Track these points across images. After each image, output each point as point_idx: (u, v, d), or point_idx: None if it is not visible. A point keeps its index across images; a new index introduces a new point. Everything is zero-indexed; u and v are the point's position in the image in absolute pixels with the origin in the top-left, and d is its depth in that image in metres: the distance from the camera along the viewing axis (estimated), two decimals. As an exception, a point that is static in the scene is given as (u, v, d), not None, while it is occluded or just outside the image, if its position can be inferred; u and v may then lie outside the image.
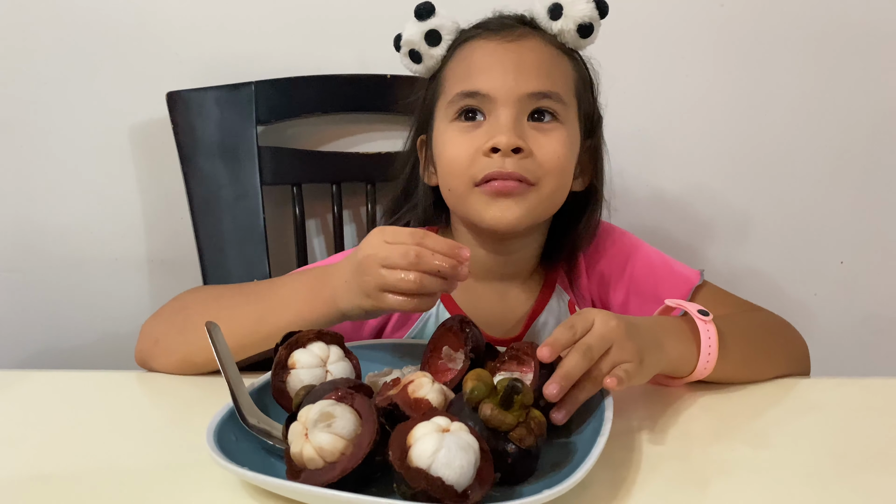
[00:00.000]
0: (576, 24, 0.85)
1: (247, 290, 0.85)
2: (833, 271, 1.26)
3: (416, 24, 0.87)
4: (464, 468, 0.53)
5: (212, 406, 0.65)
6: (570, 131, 0.85)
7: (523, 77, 0.83)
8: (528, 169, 0.81)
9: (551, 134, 0.83)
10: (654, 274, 0.92)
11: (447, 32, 0.87)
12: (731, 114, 1.21)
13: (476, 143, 0.82)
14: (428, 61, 0.89)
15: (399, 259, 0.69)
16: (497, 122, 0.82)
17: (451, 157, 0.84)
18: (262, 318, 0.79)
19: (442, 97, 0.88)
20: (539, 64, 0.84)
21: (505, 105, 0.82)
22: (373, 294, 0.71)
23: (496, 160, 0.81)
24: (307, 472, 0.56)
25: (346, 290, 0.74)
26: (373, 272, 0.71)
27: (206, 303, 0.85)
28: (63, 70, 1.17)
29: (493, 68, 0.84)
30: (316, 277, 0.79)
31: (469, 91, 0.84)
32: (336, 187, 1.17)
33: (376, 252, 0.71)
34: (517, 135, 0.81)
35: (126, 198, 1.21)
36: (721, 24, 1.18)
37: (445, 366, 0.71)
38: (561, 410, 0.63)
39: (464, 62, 0.86)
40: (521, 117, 0.83)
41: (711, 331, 0.74)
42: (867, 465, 0.65)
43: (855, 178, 1.24)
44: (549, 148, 0.82)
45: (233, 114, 1.13)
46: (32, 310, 1.25)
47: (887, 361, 1.28)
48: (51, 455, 0.66)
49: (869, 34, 1.19)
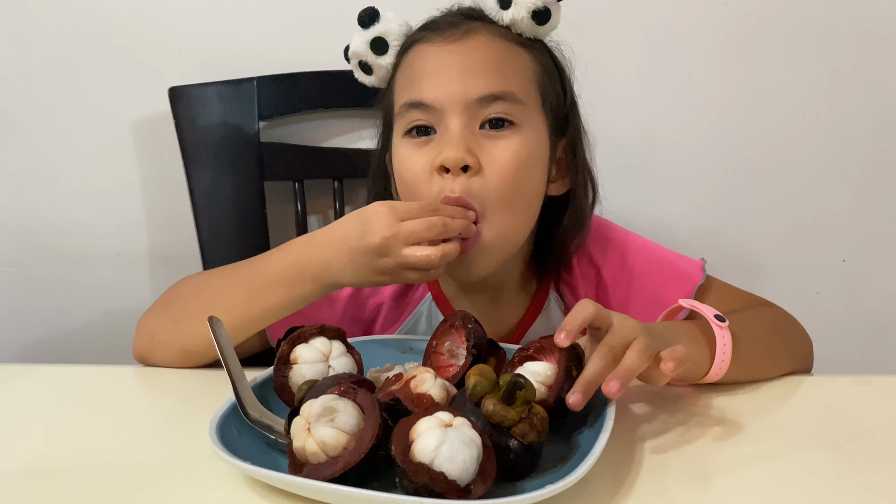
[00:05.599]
0: (528, 11, 0.77)
1: (233, 272, 0.83)
2: (835, 269, 1.26)
3: (360, 32, 0.82)
4: (466, 463, 0.53)
5: (214, 400, 0.65)
6: (530, 134, 0.78)
7: (470, 80, 0.76)
8: (475, 191, 0.75)
9: (503, 143, 0.76)
10: (654, 272, 0.89)
11: (394, 38, 0.81)
12: (733, 112, 1.21)
13: (427, 159, 0.77)
14: (378, 71, 0.83)
15: (426, 232, 0.69)
16: (446, 134, 0.76)
17: (408, 177, 0.79)
18: (247, 300, 0.78)
19: (396, 111, 0.82)
20: (487, 63, 0.77)
21: (452, 114, 0.76)
22: (389, 272, 0.71)
23: (447, 181, 0.75)
24: (309, 467, 0.56)
25: (351, 268, 0.73)
26: (395, 253, 0.70)
27: (195, 290, 0.84)
28: (65, 65, 1.17)
29: (436, 74, 0.77)
30: (300, 252, 0.77)
31: (413, 101, 0.78)
32: (338, 183, 1.17)
33: (397, 231, 0.70)
34: (465, 148, 0.75)
35: (128, 193, 1.21)
36: (723, 21, 1.18)
37: (448, 361, 0.71)
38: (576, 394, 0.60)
39: (408, 69, 0.80)
40: (473, 125, 0.76)
41: (727, 338, 0.72)
42: (869, 463, 0.64)
43: (857, 176, 1.23)
44: (500, 161, 0.76)
45: (235, 109, 1.13)
46: (34, 305, 1.25)
47: (889, 359, 1.28)
48: (51, 449, 0.66)
49: (871, 32, 1.19)
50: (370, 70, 0.83)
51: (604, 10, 1.13)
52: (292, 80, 1.14)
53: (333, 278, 0.75)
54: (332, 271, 0.74)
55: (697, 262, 0.90)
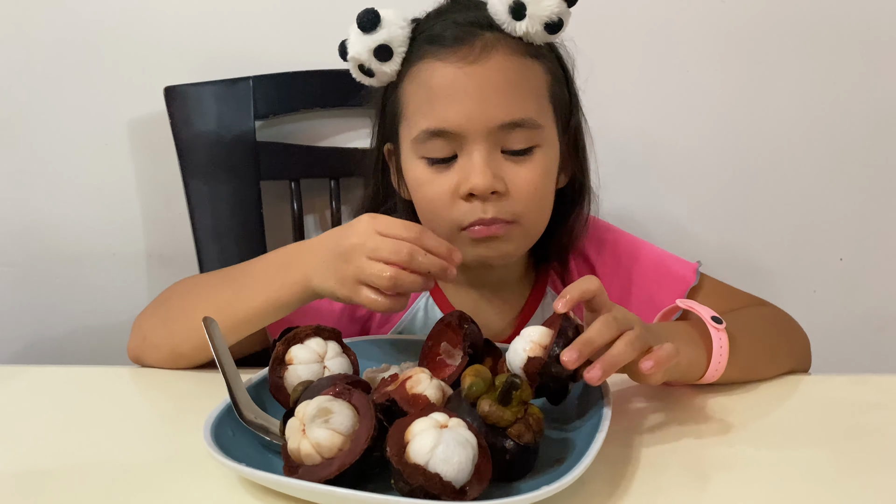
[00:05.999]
0: (542, 23, 0.77)
1: (222, 275, 0.83)
2: (833, 268, 1.26)
3: (361, 37, 0.79)
4: (462, 464, 0.53)
5: (209, 401, 0.65)
6: (548, 150, 0.80)
7: (491, 106, 0.76)
8: (507, 210, 0.78)
9: (528, 166, 0.78)
10: (648, 273, 0.90)
11: (398, 44, 0.79)
12: (730, 111, 1.21)
13: (450, 183, 0.78)
14: (381, 77, 0.81)
15: (389, 254, 0.67)
16: (469, 161, 0.77)
17: (428, 200, 0.80)
18: (233, 302, 0.77)
19: (404, 123, 0.81)
20: (507, 86, 0.77)
21: (475, 140, 0.76)
22: (348, 284, 0.69)
23: (476, 206, 0.77)
24: (304, 468, 0.56)
25: (322, 271, 0.72)
26: (355, 261, 0.68)
27: (185, 293, 0.84)
28: (61, 65, 1.16)
29: (456, 99, 0.76)
30: (288, 254, 0.77)
31: (435, 129, 0.77)
32: (334, 182, 1.17)
33: (365, 241, 0.68)
34: (492, 174, 0.76)
35: (124, 193, 1.21)
36: (721, 20, 1.18)
37: (444, 362, 0.71)
38: (596, 368, 0.60)
39: (423, 88, 0.79)
40: (495, 151, 0.77)
41: (724, 339, 0.72)
42: (867, 462, 0.64)
43: (855, 175, 1.23)
44: (526, 183, 0.78)
45: (231, 108, 1.12)
46: (29, 304, 1.24)
47: (887, 358, 1.28)
48: (46, 450, 0.66)
49: (869, 31, 1.18)
50: (372, 74, 0.81)
51: (603, 10, 1.13)
52: (288, 80, 1.14)
53: (311, 281, 0.73)
54: (311, 273, 0.73)
55: (692, 265, 0.90)
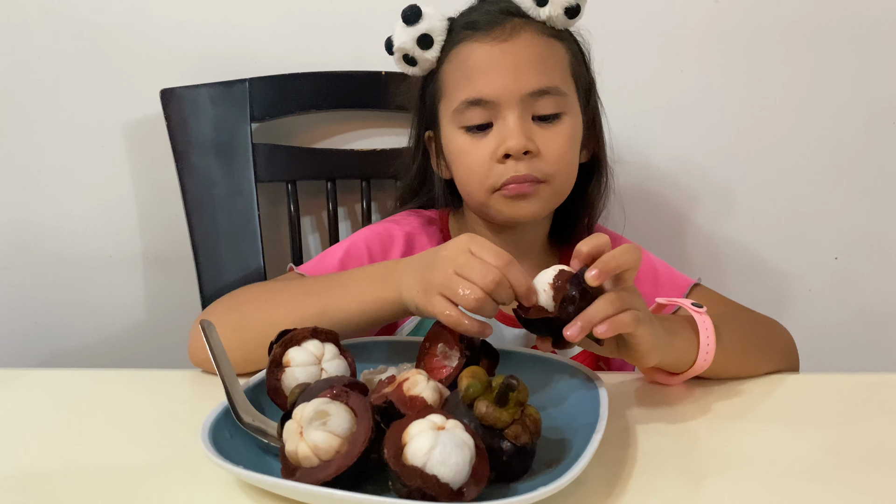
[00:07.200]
0: (562, 7, 0.87)
1: (305, 285, 0.83)
2: (827, 267, 1.26)
3: (405, 29, 0.88)
4: (459, 466, 0.53)
5: (206, 404, 0.65)
6: (573, 118, 0.89)
7: (522, 76, 0.85)
8: (539, 168, 0.86)
9: (556, 130, 0.87)
10: (653, 283, 0.93)
11: (438, 34, 0.89)
12: (725, 110, 1.21)
13: (488, 149, 0.86)
14: (423, 64, 0.91)
15: (476, 276, 0.67)
16: (505, 125, 0.86)
17: (466, 166, 0.88)
18: (321, 314, 0.77)
19: (444, 100, 0.90)
20: (535, 59, 0.87)
21: (509, 107, 0.85)
22: (430, 292, 0.69)
23: (510, 165, 0.85)
24: (302, 471, 0.56)
25: (411, 281, 0.72)
26: (442, 271, 0.69)
27: (260, 301, 0.84)
28: (56, 67, 1.16)
29: (492, 72, 0.86)
30: (386, 267, 0.78)
31: (474, 98, 0.86)
32: (331, 184, 1.17)
33: (456, 257, 0.69)
34: (526, 136, 0.85)
35: (120, 195, 1.21)
36: (716, 18, 1.18)
37: (441, 363, 0.71)
38: (576, 325, 0.64)
39: (462, 67, 0.88)
40: (526, 116, 0.86)
41: (707, 322, 0.75)
42: (861, 460, 0.65)
43: (849, 174, 1.24)
44: (555, 145, 0.87)
45: (227, 111, 1.12)
46: (26, 307, 1.24)
47: (881, 357, 1.28)
48: (44, 453, 0.66)
49: (865, 29, 1.19)
50: (415, 62, 0.90)
51: (600, 11, 1.13)
52: (284, 82, 1.14)
53: (402, 294, 0.73)
54: (402, 284, 0.73)
55: (689, 280, 0.95)
